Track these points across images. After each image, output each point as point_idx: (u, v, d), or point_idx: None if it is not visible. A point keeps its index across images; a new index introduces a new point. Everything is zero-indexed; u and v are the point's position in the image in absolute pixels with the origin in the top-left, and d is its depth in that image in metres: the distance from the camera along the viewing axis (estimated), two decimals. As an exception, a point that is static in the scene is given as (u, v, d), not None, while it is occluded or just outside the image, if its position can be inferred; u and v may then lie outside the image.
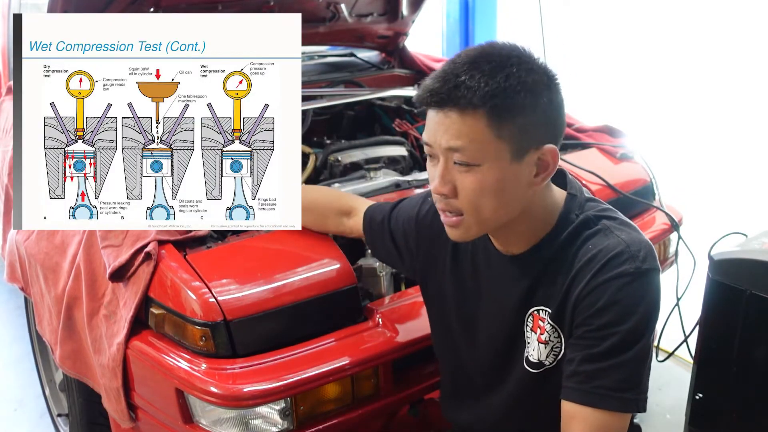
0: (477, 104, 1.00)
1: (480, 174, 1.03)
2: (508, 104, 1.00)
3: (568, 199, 1.14)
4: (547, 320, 1.13)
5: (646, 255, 1.06)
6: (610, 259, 1.05)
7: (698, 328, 1.50)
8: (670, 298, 1.96)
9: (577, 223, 1.12)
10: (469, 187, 1.04)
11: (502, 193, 1.05)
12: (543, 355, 1.14)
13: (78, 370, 1.63)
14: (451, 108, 1.01)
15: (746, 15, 3.90)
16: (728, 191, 3.62)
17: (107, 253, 1.48)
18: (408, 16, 2.64)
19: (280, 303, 1.39)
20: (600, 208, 1.15)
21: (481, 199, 1.05)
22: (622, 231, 1.09)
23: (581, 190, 1.18)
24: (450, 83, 1.01)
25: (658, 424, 2.18)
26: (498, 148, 1.02)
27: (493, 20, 4.95)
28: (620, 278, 1.04)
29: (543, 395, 1.15)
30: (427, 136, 1.06)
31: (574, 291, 1.08)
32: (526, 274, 1.15)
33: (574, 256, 1.09)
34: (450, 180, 1.05)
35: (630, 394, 1.04)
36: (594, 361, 1.04)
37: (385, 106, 2.53)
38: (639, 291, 1.04)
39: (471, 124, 1.01)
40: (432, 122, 1.05)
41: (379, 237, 1.43)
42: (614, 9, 4.61)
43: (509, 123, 1.01)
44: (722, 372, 1.43)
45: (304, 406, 1.35)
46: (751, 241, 1.44)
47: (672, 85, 4.23)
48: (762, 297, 1.33)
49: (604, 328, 1.04)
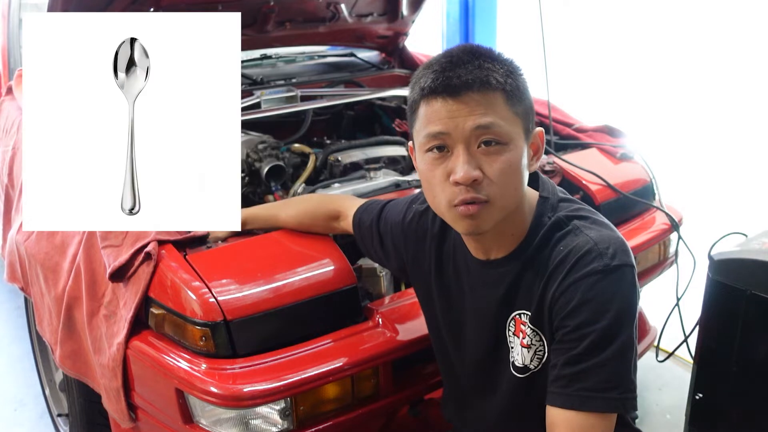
0: (496, 85, 1.03)
1: (508, 153, 1.04)
2: (518, 85, 1.06)
3: (540, 202, 1.15)
4: (527, 324, 1.13)
5: (615, 251, 1.06)
6: (579, 259, 1.06)
7: (698, 328, 1.50)
8: (670, 298, 1.97)
9: (549, 225, 1.12)
10: (498, 169, 1.03)
11: (521, 175, 1.07)
12: (527, 359, 1.15)
13: (78, 370, 1.63)
14: (468, 92, 1.02)
15: (746, 15, 3.90)
16: (728, 191, 3.62)
17: (107, 253, 1.48)
18: (408, 16, 2.64)
19: (280, 303, 1.39)
20: (572, 208, 1.15)
21: (510, 179, 1.05)
22: (591, 230, 1.09)
23: (554, 191, 1.18)
24: (466, 70, 1.02)
25: (658, 424, 2.18)
26: (517, 125, 1.05)
27: (493, 20, 4.95)
28: (590, 276, 1.04)
29: (532, 399, 1.15)
30: (441, 126, 1.04)
31: (549, 293, 1.08)
32: (503, 280, 1.15)
33: (548, 258, 1.10)
34: (477, 165, 1.04)
35: (614, 393, 1.03)
36: (574, 364, 1.04)
37: (385, 106, 2.53)
38: (610, 288, 1.04)
39: (493, 103, 1.03)
40: (444, 111, 1.03)
41: (369, 240, 1.44)
42: (614, 9, 4.61)
43: (520, 102, 1.06)
44: (722, 372, 1.43)
45: (304, 406, 1.35)
46: (751, 241, 1.44)
47: (672, 85, 4.23)
48: (762, 297, 1.33)
49: (580, 328, 1.04)
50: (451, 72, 1.03)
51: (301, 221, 1.54)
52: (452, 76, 1.02)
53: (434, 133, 1.05)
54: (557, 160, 1.98)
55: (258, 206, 1.62)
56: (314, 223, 1.54)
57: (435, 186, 1.08)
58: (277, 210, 1.58)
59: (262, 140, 2.08)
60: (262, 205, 1.65)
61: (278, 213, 1.57)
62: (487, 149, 1.03)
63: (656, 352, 2.01)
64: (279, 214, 1.56)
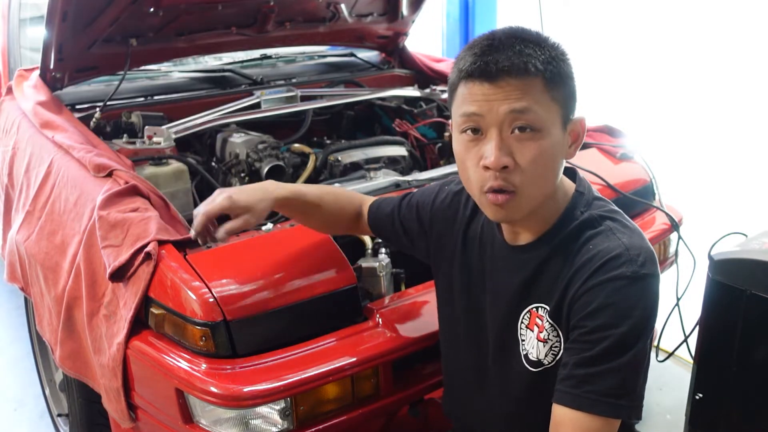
0: (536, 71, 1.02)
1: (541, 140, 1.04)
2: (560, 70, 1.05)
3: (575, 195, 1.15)
4: (545, 318, 1.13)
5: (645, 260, 1.05)
6: (607, 261, 1.05)
7: (698, 328, 1.50)
8: (670, 298, 1.96)
9: (581, 220, 1.12)
10: (530, 156, 1.03)
11: (555, 164, 1.07)
12: (542, 353, 1.14)
13: (78, 370, 1.63)
14: (507, 76, 1.02)
15: (746, 15, 3.90)
16: (728, 191, 3.62)
17: (107, 253, 1.48)
18: (408, 16, 2.64)
19: (280, 303, 1.39)
20: (606, 209, 1.14)
21: (541, 168, 1.05)
22: (624, 234, 1.09)
23: (590, 189, 1.18)
24: (505, 56, 1.02)
25: (658, 424, 2.18)
26: (554, 112, 1.05)
27: (493, 20, 4.95)
28: (616, 281, 1.03)
29: (542, 395, 1.14)
30: (476, 107, 1.03)
31: (571, 290, 1.08)
32: (526, 267, 1.14)
33: (575, 254, 1.09)
34: (509, 152, 1.04)
35: (624, 401, 1.02)
36: (587, 365, 1.03)
37: (385, 106, 2.53)
38: (635, 295, 1.03)
39: (531, 88, 1.02)
40: (479, 94, 1.03)
41: (389, 226, 1.42)
42: (614, 9, 4.61)
43: (561, 89, 1.05)
44: (722, 372, 1.43)
45: (304, 406, 1.35)
46: (751, 241, 1.44)
47: (672, 85, 4.23)
48: (762, 297, 1.33)
49: (598, 331, 1.03)
50: (490, 56, 1.02)
51: (321, 196, 1.43)
52: (490, 61, 1.02)
53: (469, 113, 1.05)
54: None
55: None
56: (336, 200, 1.45)
57: (468, 168, 1.09)
58: (300, 186, 1.47)
59: (262, 140, 2.08)
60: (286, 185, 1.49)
61: (302, 187, 1.45)
62: (520, 135, 1.03)
63: (656, 352, 2.00)
64: (302, 188, 1.44)
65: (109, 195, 1.54)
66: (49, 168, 1.80)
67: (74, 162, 1.73)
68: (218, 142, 2.17)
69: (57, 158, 1.79)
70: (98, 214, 1.52)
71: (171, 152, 1.94)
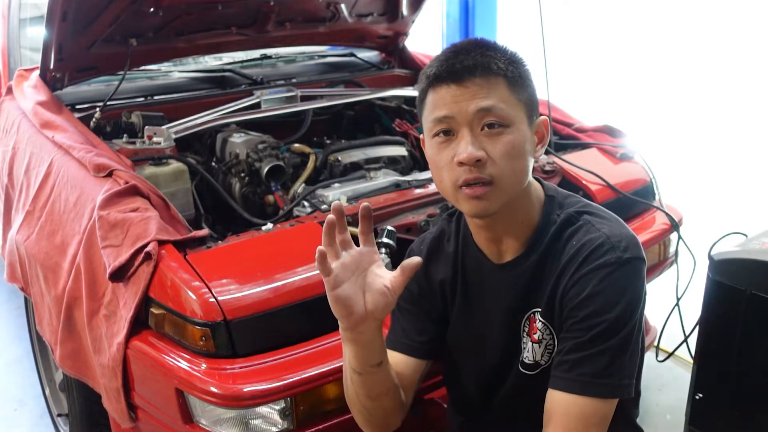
0: (498, 71, 1.07)
1: (510, 135, 1.07)
2: (521, 72, 1.10)
3: (547, 201, 1.17)
4: (538, 319, 1.14)
5: (628, 245, 1.08)
6: (591, 252, 1.08)
7: (698, 328, 1.50)
8: (670, 298, 1.97)
9: (559, 222, 1.14)
10: (500, 150, 1.06)
11: (525, 158, 1.10)
12: (538, 354, 1.15)
13: (78, 370, 1.63)
14: (471, 77, 1.06)
15: (746, 15, 3.90)
16: (728, 191, 3.62)
17: (107, 253, 1.48)
18: (408, 16, 2.64)
19: (280, 303, 1.39)
20: (580, 204, 1.17)
21: (512, 160, 1.07)
22: (603, 224, 1.11)
23: (557, 190, 1.20)
24: (469, 57, 1.07)
25: (658, 424, 2.18)
26: (520, 110, 1.09)
27: (493, 20, 4.95)
28: (603, 269, 1.06)
29: (540, 396, 1.14)
30: (446, 110, 1.08)
31: (560, 286, 1.10)
32: (519, 280, 1.16)
33: (561, 253, 1.12)
34: (481, 147, 1.07)
35: (612, 379, 1.05)
36: (578, 350, 1.06)
37: (385, 106, 2.53)
38: (622, 280, 1.06)
39: (496, 87, 1.07)
40: (448, 97, 1.07)
41: (408, 319, 1.26)
42: (614, 9, 4.61)
43: (523, 90, 1.10)
44: (722, 372, 1.43)
45: (304, 406, 1.35)
46: (751, 241, 1.44)
47: (672, 85, 4.23)
48: (762, 297, 1.33)
49: (590, 318, 1.05)
50: (455, 59, 1.07)
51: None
52: (455, 62, 1.07)
53: (440, 117, 1.09)
54: (557, 160, 1.98)
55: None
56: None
57: (442, 169, 1.10)
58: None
59: (262, 140, 2.08)
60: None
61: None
62: (490, 131, 1.07)
63: (656, 352, 2.01)
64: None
65: (109, 195, 1.54)
66: (49, 168, 1.80)
67: (74, 162, 1.73)
68: (218, 142, 2.17)
69: (57, 158, 1.79)
70: (98, 214, 1.52)
71: (171, 152, 1.94)
